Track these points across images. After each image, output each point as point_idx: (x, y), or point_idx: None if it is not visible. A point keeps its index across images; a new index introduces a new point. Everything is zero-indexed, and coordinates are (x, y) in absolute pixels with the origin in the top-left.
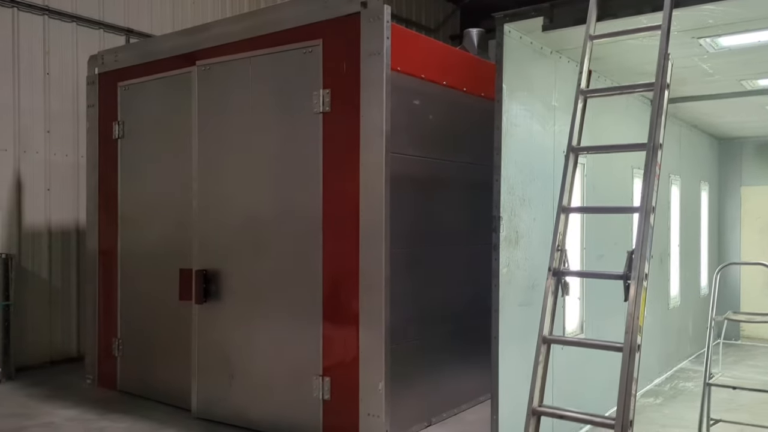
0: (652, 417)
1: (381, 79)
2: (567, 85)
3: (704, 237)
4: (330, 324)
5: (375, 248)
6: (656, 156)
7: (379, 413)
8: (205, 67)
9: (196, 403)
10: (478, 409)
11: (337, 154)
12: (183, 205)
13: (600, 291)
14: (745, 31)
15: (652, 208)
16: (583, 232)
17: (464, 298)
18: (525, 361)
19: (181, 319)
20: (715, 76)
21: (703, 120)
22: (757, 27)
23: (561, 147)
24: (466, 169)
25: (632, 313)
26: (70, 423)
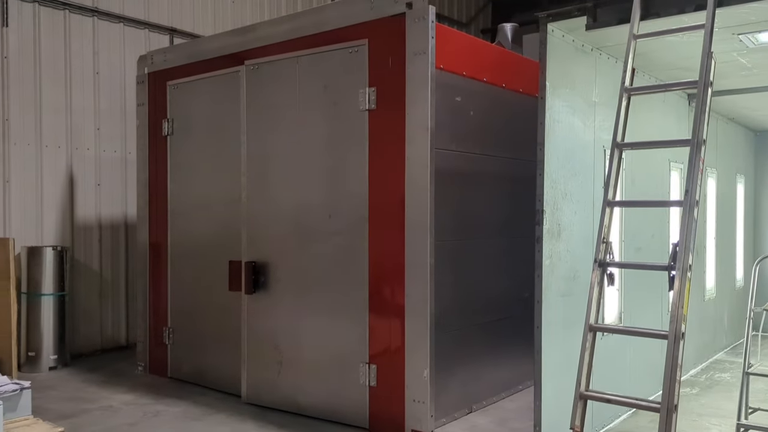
0: (689, 406)
1: (426, 78)
2: (607, 81)
3: (740, 229)
4: (376, 313)
5: (420, 240)
6: (700, 151)
7: (424, 399)
8: (254, 67)
9: (245, 389)
10: (517, 397)
11: (383, 149)
12: (231, 199)
13: (636, 283)
14: None
15: (696, 201)
16: (622, 226)
17: (503, 289)
18: (566, 350)
19: (230, 308)
20: (753, 70)
21: (740, 113)
22: None
23: (601, 142)
24: (505, 163)
25: (677, 303)
26: (128, 407)
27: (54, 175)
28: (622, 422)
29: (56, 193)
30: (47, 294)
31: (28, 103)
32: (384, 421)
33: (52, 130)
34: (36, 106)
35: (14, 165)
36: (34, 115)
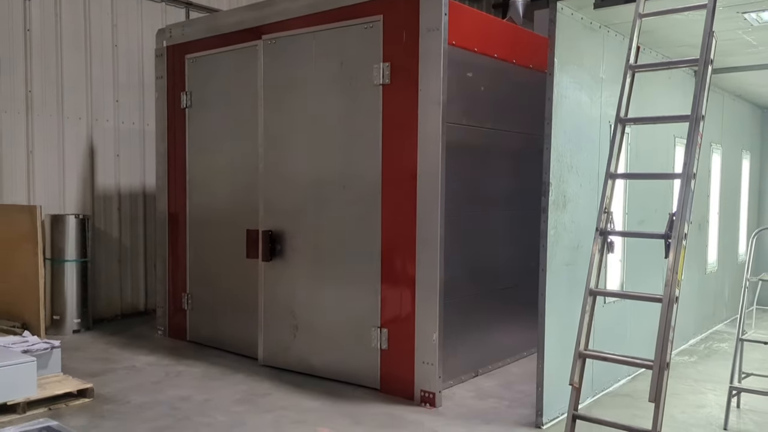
0: (686, 373)
1: (438, 54)
2: (614, 57)
3: (744, 205)
4: (387, 280)
5: (431, 211)
6: (698, 127)
7: (432, 361)
8: (271, 41)
9: (262, 351)
10: (522, 362)
11: (396, 123)
12: (249, 169)
13: (638, 254)
14: None
15: (693, 174)
16: (626, 199)
17: (510, 259)
18: (569, 316)
19: (247, 275)
20: (759, 47)
21: (747, 90)
22: None
23: (607, 117)
24: (514, 138)
25: (672, 269)
26: (151, 367)
27: (75, 146)
28: (621, 386)
29: (77, 164)
30: (70, 260)
31: (50, 76)
32: (394, 382)
33: (73, 102)
34: (58, 78)
35: (37, 136)
36: (56, 87)
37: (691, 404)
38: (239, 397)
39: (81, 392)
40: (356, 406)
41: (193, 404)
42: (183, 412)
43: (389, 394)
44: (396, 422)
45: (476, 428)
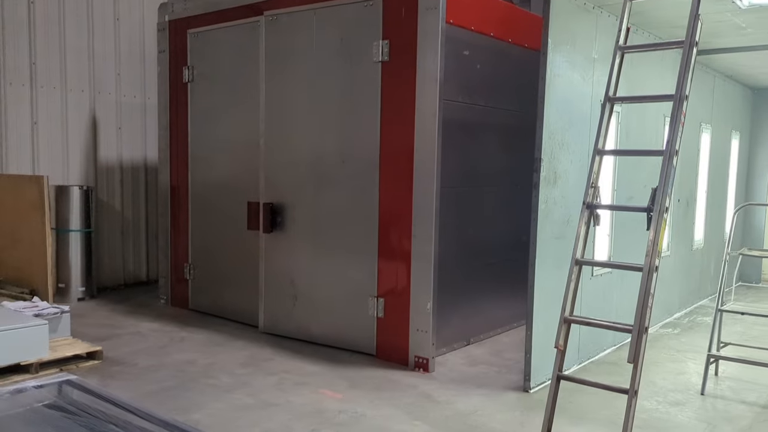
0: (669, 343)
1: (437, 32)
2: (607, 37)
3: (732, 184)
4: (384, 251)
5: (427, 186)
6: (682, 106)
7: (426, 329)
8: (273, 17)
9: (262, 319)
10: (511, 333)
11: (394, 99)
12: (250, 143)
13: (626, 229)
14: None
15: (676, 151)
16: (615, 176)
17: (503, 233)
18: (557, 287)
19: (248, 246)
20: (747, 29)
21: (737, 70)
22: None
23: (599, 96)
24: (508, 115)
25: (653, 240)
26: (155, 333)
27: (78, 118)
28: (607, 355)
29: (80, 136)
30: (75, 230)
31: (53, 48)
32: (390, 349)
33: (75, 74)
34: (61, 51)
35: (41, 107)
36: (59, 59)
37: (671, 372)
38: (243, 361)
39: (90, 355)
40: (354, 370)
41: (198, 367)
42: (189, 374)
43: (385, 360)
44: (392, 385)
45: (468, 392)
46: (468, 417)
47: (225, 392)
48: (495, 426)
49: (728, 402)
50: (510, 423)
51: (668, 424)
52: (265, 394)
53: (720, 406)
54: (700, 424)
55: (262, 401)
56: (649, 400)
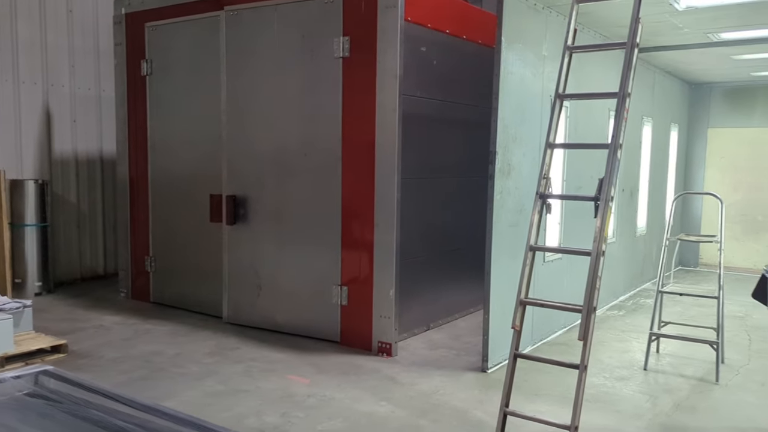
0: (614, 324)
1: (396, 29)
2: (556, 36)
3: (672, 174)
4: (347, 241)
5: (388, 177)
6: (625, 103)
7: (389, 315)
8: (233, 12)
9: (227, 310)
10: (468, 318)
11: (355, 94)
12: (212, 136)
13: (574, 218)
14: None
15: (620, 144)
16: (565, 167)
17: (459, 223)
18: (512, 273)
19: (211, 238)
20: (684, 29)
21: (675, 67)
22: None
23: (548, 92)
24: (463, 109)
25: (600, 227)
26: (118, 326)
27: (31, 111)
28: (558, 336)
29: (34, 129)
30: (30, 224)
31: (4, 40)
32: (353, 335)
33: (28, 67)
34: (12, 43)
35: None
36: (11, 52)
37: (617, 350)
38: (209, 350)
39: (55, 348)
40: (319, 356)
41: (165, 357)
42: (157, 364)
43: (349, 346)
44: (357, 370)
45: (429, 373)
46: (430, 396)
47: (195, 380)
48: (456, 404)
49: (668, 376)
50: (470, 400)
51: (615, 397)
52: (234, 381)
53: (661, 379)
54: (643, 397)
55: (232, 388)
56: (597, 376)
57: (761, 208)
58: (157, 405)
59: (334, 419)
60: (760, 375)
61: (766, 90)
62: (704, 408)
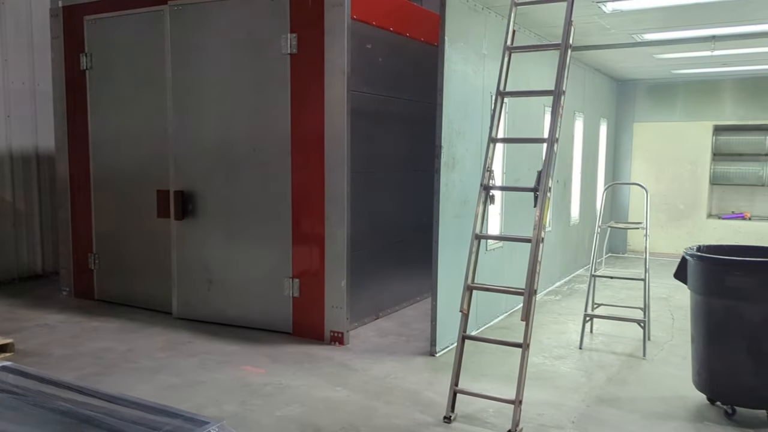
0: (551, 308)
1: (343, 27)
2: (495, 35)
3: (602, 165)
4: (298, 234)
5: (338, 171)
6: (560, 100)
7: (341, 305)
8: (178, 7)
9: (176, 305)
10: (416, 306)
11: (304, 90)
12: (157, 131)
13: (514, 208)
14: None
15: (556, 139)
16: (504, 160)
17: (406, 214)
18: (458, 261)
19: (158, 234)
20: (611, 30)
21: (604, 65)
22: None
23: (489, 88)
24: (408, 104)
25: (539, 215)
26: (64, 324)
27: None
28: (500, 321)
29: None
30: None
31: None
32: (306, 326)
33: None
34: None
35: None
36: None
37: (555, 332)
38: (161, 345)
39: (1, 348)
40: (273, 347)
41: (116, 354)
42: (108, 361)
43: (301, 337)
44: (311, 358)
45: (381, 359)
46: (383, 380)
47: (149, 374)
48: (408, 386)
49: (601, 353)
50: (420, 382)
51: (554, 374)
52: (189, 374)
53: (595, 357)
54: (579, 373)
55: (187, 380)
56: (537, 356)
57: (682, 197)
58: (122, 394)
59: (292, 405)
60: (682, 350)
61: (685, 87)
62: (633, 380)
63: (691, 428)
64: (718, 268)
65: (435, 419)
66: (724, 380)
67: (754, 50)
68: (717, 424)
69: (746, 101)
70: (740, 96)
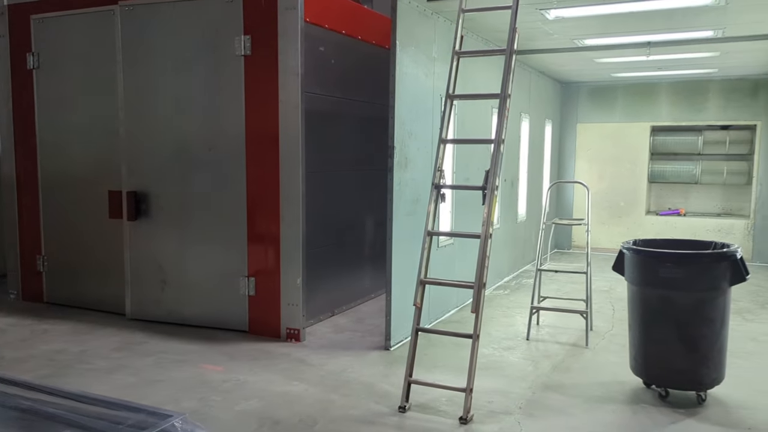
0: (500, 302)
1: (296, 30)
2: (444, 40)
3: (547, 165)
4: (254, 233)
5: (293, 171)
6: (506, 103)
7: (297, 302)
8: (129, 8)
9: (130, 306)
10: (371, 302)
11: (258, 91)
12: (109, 132)
13: (464, 206)
14: (573, 6)
15: (502, 140)
16: (454, 160)
17: (360, 213)
18: (411, 258)
19: (111, 235)
20: (554, 36)
21: (548, 68)
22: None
23: (439, 91)
24: (360, 105)
25: (487, 213)
26: (13, 327)
27: None
28: (451, 315)
29: None
30: None
31: None
32: (262, 324)
33: None
34: None
35: None
36: None
37: (503, 324)
38: (116, 346)
39: None
40: (230, 345)
41: (70, 355)
42: (62, 362)
43: (258, 335)
44: (267, 355)
45: (337, 354)
46: (340, 374)
47: (105, 374)
48: (364, 379)
49: (547, 343)
50: (376, 375)
51: (503, 363)
52: (146, 373)
53: (541, 347)
54: (526, 362)
55: (145, 379)
56: (487, 347)
57: (623, 194)
58: (83, 392)
59: (251, 400)
60: (622, 338)
61: (625, 89)
62: (577, 368)
63: (628, 410)
64: (652, 260)
65: (390, 409)
66: (658, 364)
67: (686, 56)
68: (652, 406)
69: (681, 104)
70: (675, 98)
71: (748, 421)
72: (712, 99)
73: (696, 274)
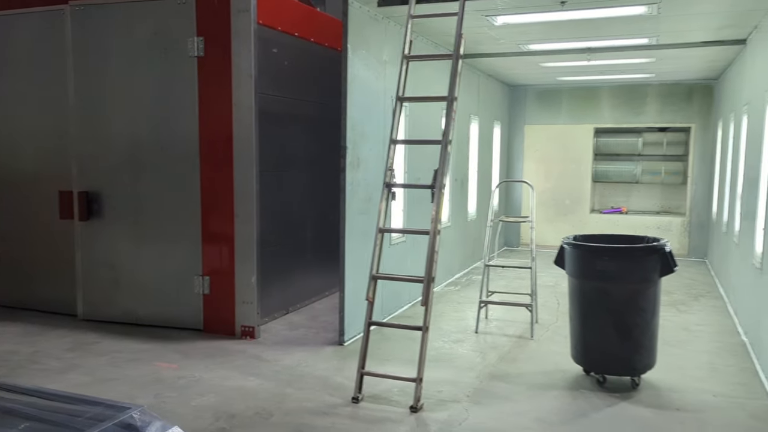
0: (451, 297)
1: (249, 32)
2: (394, 43)
3: (496, 165)
4: (208, 232)
5: (247, 171)
6: (453, 105)
7: (251, 300)
8: (79, 8)
9: (81, 307)
10: (325, 300)
11: (211, 92)
12: (58, 132)
13: (415, 205)
14: (518, 13)
15: (449, 141)
16: (406, 160)
17: (313, 213)
18: (363, 256)
19: (60, 235)
20: (500, 40)
21: (496, 71)
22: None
23: (389, 93)
24: (313, 106)
25: (436, 210)
26: None
27: None
28: (404, 311)
29: None
30: None
31: None
32: (217, 322)
33: None
34: None
35: None
36: None
37: (454, 319)
38: (68, 346)
39: None
40: (185, 344)
41: (21, 356)
42: (14, 363)
43: (213, 333)
44: (222, 353)
45: (291, 350)
46: (294, 369)
47: (58, 374)
48: (318, 373)
49: (495, 336)
50: (330, 369)
51: (452, 356)
52: (100, 372)
53: (489, 339)
54: (475, 353)
55: (99, 378)
56: (437, 341)
57: (568, 193)
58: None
59: (206, 395)
60: (565, 330)
61: (569, 92)
62: (522, 358)
63: (569, 396)
64: (589, 254)
65: (344, 400)
66: (595, 352)
67: (625, 61)
68: (590, 391)
69: (621, 107)
70: (616, 102)
71: (677, 403)
72: (651, 102)
73: (629, 267)
